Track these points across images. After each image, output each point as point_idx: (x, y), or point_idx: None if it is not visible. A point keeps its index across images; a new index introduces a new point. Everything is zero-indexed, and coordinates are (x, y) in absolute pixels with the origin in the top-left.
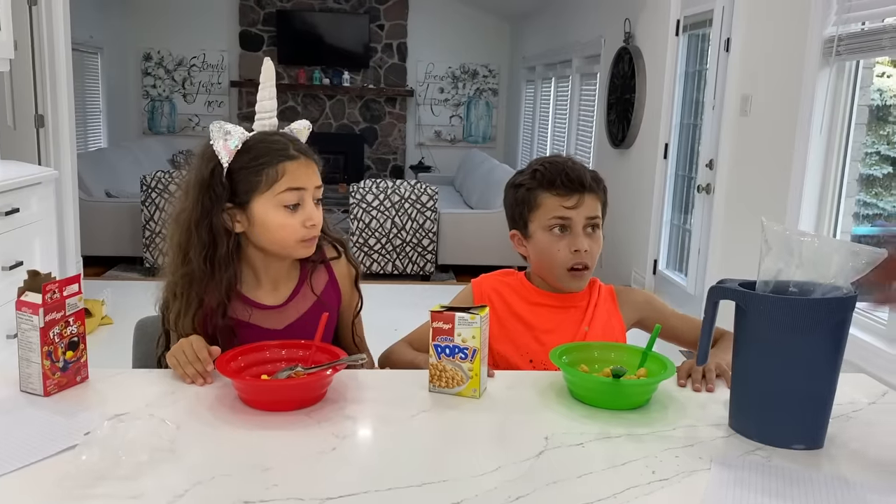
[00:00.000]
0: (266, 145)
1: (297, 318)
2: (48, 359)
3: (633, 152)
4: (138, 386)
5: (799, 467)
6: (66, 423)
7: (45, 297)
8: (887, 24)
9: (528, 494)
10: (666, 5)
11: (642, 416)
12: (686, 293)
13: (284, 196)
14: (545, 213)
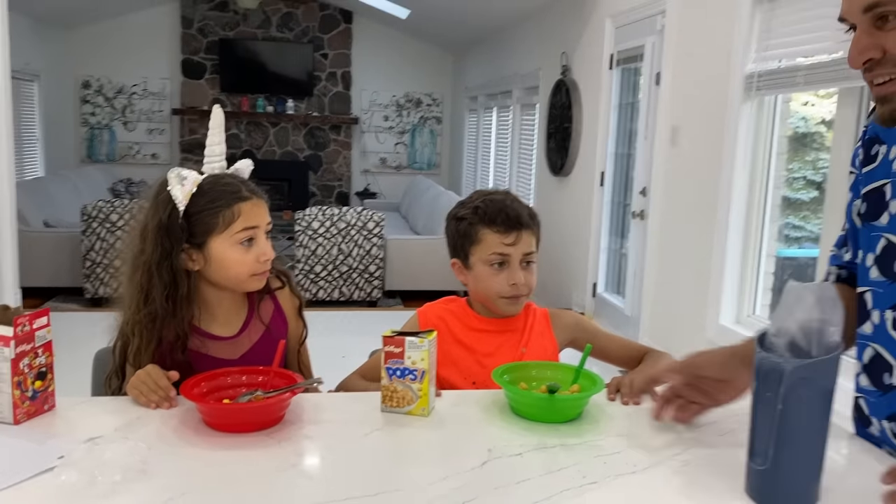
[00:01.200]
0: (220, 188)
1: (249, 348)
2: (18, 388)
3: (572, 180)
4: (104, 413)
5: None
6: (39, 449)
7: (17, 329)
8: (800, 62)
9: (474, 499)
10: (600, 40)
11: (575, 427)
12: (624, 315)
13: (240, 235)
14: (486, 248)
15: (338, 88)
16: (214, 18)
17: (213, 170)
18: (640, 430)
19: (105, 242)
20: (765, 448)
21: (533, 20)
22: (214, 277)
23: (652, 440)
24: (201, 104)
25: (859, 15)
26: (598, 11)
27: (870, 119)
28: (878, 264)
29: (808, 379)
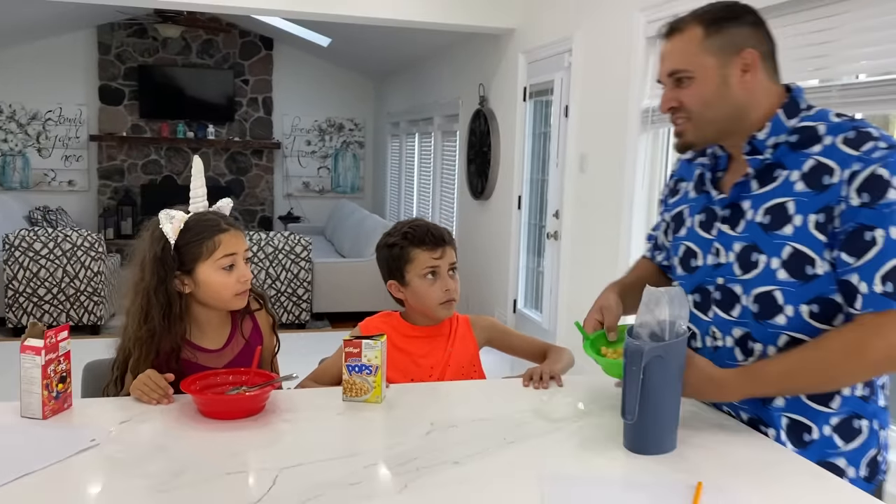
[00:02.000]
0: (203, 223)
1: (232, 359)
2: (45, 389)
3: (492, 203)
4: (113, 409)
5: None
6: (72, 435)
7: (46, 341)
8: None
9: (420, 457)
10: (514, 74)
11: (499, 405)
12: (542, 328)
13: (222, 261)
14: (419, 264)
15: (259, 114)
16: (132, 45)
17: (197, 209)
18: (546, 406)
19: (28, 272)
20: (633, 408)
21: (452, 52)
22: (203, 298)
23: (554, 413)
24: (120, 130)
25: (665, 78)
26: (513, 47)
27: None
28: (680, 264)
29: (662, 357)
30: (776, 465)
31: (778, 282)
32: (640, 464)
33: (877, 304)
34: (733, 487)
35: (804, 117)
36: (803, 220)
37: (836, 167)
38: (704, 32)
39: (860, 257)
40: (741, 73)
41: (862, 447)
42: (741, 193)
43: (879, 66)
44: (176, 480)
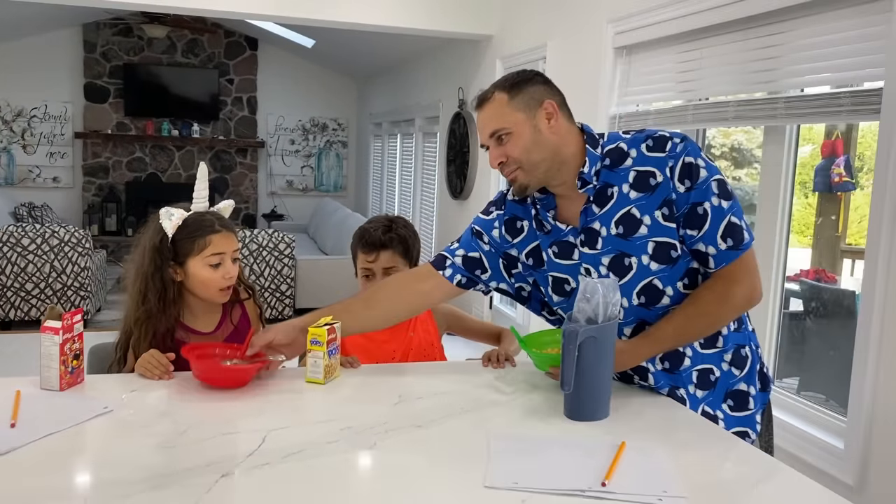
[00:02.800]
0: (198, 222)
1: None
2: (63, 365)
3: (471, 203)
4: (121, 383)
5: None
6: (88, 403)
7: (64, 322)
8: (653, 107)
9: (388, 422)
10: (491, 79)
11: (457, 382)
12: (517, 323)
13: (210, 258)
14: (359, 265)
15: (244, 113)
16: (118, 43)
17: (199, 207)
18: (499, 382)
19: (16, 266)
20: (569, 380)
21: (433, 56)
22: (191, 289)
23: (506, 388)
24: (105, 128)
25: (488, 140)
26: (490, 53)
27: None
28: (553, 291)
29: (595, 337)
30: (684, 427)
31: (653, 272)
32: (576, 428)
33: (726, 257)
34: (650, 446)
35: (604, 144)
36: (651, 218)
37: (655, 170)
38: (508, 95)
39: (700, 229)
40: (547, 121)
41: (751, 368)
42: (588, 218)
43: (822, 80)
44: (180, 438)
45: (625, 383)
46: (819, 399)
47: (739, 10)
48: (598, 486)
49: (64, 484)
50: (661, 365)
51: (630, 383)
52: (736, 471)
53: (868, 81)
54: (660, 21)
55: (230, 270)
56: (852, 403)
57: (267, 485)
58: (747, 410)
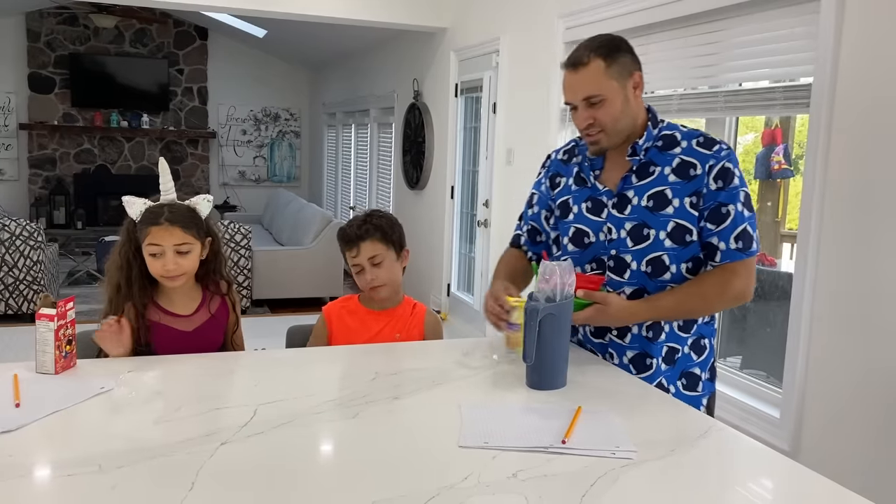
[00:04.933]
0: (148, 213)
1: (199, 325)
2: (57, 350)
3: (427, 193)
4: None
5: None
6: (84, 385)
7: (58, 310)
8: None
9: (368, 395)
10: (446, 71)
11: (430, 360)
12: (473, 310)
13: (149, 248)
14: (348, 260)
15: (194, 103)
16: (63, 33)
17: (166, 199)
18: (468, 359)
19: None
20: (531, 353)
21: (387, 46)
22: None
23: (473, 363)
24: (51, 119)
25: (580, 101)
26: (445, 45)
27: (549, 160)
28: (571, 242)
29: (553, 314)
30: (634, 394)
31: (665, 248)
32: (537, 396)
33: (732, 256)
34: (604, 410)
35: (662, 127)
36: (680, 202)
37: (697, 163)
38: (605, 63)
39: (719, 225)
40: (634, 91)
41: (706, 358)
42: (625, 185)
43: (759, 76)
44: (176, 414)
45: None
46: (760, 376)
47: (683, 8)
48: (559, 443)
49: (75, 455)
50: (644, 332)
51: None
52: (679, 429)
53: (803, 77)
54: (608, 17)
55: (168, 263)
56: (787, 376)
57: (264, 450)
58: (696, 392)
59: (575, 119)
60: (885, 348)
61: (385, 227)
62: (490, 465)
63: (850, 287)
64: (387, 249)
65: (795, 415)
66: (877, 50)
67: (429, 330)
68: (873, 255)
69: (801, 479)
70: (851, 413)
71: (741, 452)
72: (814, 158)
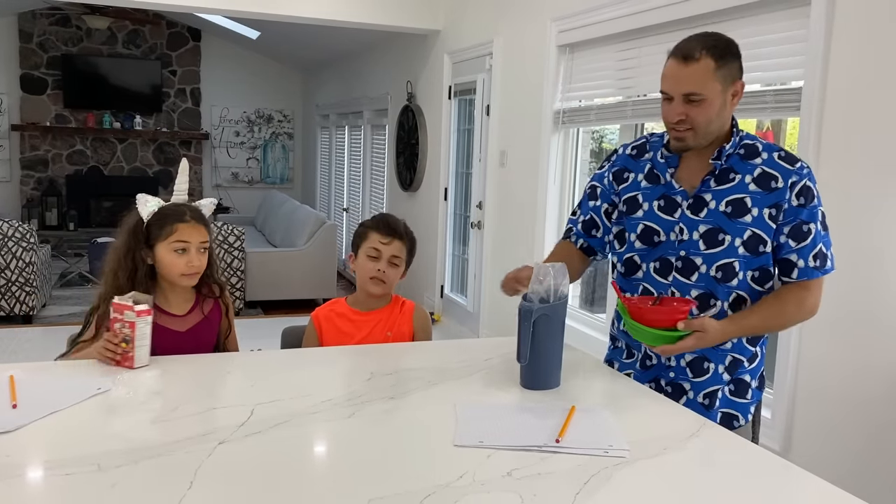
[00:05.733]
0: (170, 211)
1: (193, 326)
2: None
3: (420, 194)
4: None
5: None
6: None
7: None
8: (595, 103)
9: (364, 395)
10: (439, 73)
11: (423, 361)
12: (467, 311)
13: (175, 244)
14: (368, 243)
15: (187, 104)
16: (55, 34)
17: (178, 199)
18: (463, 359)
19: None
20: (525, 353)
21: (381, 49)
22: (161, 272)
23: (467, 364)
24: (43, 120)
25: (679, 95)
26: (438, 47)
27: (616, 155)
28: (639, 239)
29: (546, 315)
30: (627, 394)
31: (738, 255)
32: (531, 396)
33: (809, 274)
34: (597, 409)
35: (743, 136)
36: (759, 211)
37: (779, 176)
38: (716, 64)
39: (799, 242)
40: (732, 99)
41: (758, 366)
42: (703, 188)
43: (750, 79)
44: (173, 413)
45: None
46: None
47: (675, 12)
48: (553, 442)
49: (74, 454)
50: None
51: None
52: (670, 428)
53: (794, 81)
54: (601, 21)
55: (194, 259)
56: (778, 378)
57: (262, 449)
58: (744, 399)
59: (666, 110)
60: (875, 350)
61: (414, 244)
62: (485, 464)
63: (840, 289)
64: (403, 261)
65: (786, 416)
66: (866, 54)
67: (418, 325)
68: (864, 257)
69: (791, 478)
70: (842, 414)
71: (733, 451)
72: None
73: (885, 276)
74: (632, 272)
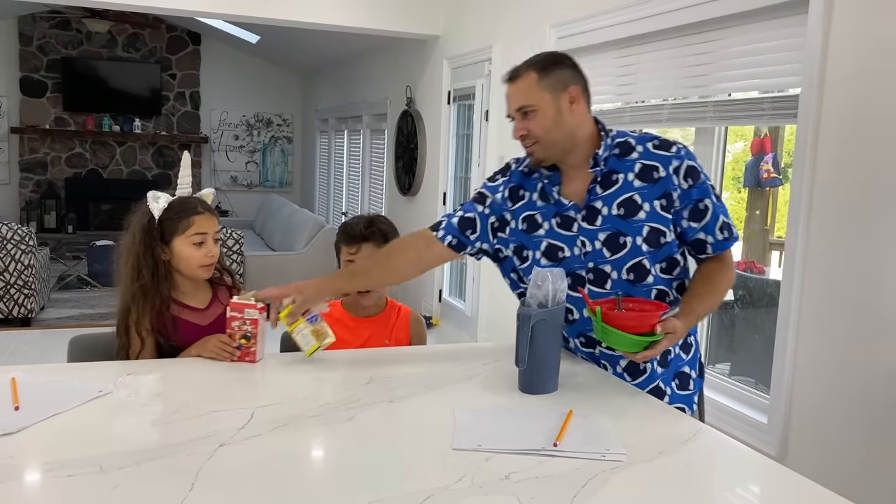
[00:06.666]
0: (183, 205)
1: (214, 319)
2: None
3: (419, 199)
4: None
5: None
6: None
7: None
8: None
9: (363, 398)
10: (439, 78)
11: (418, 364)
12: (465, 315)
13: (193, 237)
14: (343, 256)
15: (186, 108)
16: (55, 37)
17: (183, 193)
18: (461, 364)
19: None
20: (523, 357)
21: (380, 53)
22: (177, 267)
23: (465, 369)
24: (42, 123)
25: (514, 112)
26: (437, 52)
27: (510, 171)
28: (544, 256)
29: (544, 319)
30: (623, 398)
31: (643, 253)
32: (529, 400)
33: (722, 246)
34: (594, 413)
35: (613, 136)
36: (650, 205)
37: (658, 165)
38: (538, 75)
39: (701, 221)
40: (569, 104)
41: (694, 354)
42: (591, 197)
43: (748, 86)
44: (174, 416)
45: (587, 349)
46: (749, 382)
47: (674, 19)
48: (551, 446)
49: (76, 456)
50: None
51: (592, 349)
52: (668, 432)
53: (791, 88)
54: (600, 27)
55: (212, 250)
56: (774, 382)
57: (262, 452)
58: (688, 390)
59: (513, 130)
60: (871, 355)
61: (388, 234)
62: (483, 467)
63: (836, 295)
64: None
65: (783, 420)
66: (862, 61)
67: (413, 331)
68: (860, 263)
69: (787, 482)
70: (838, 419)
71: (729, 455)
72: (801, 168)
73: (881, 282)
74: None
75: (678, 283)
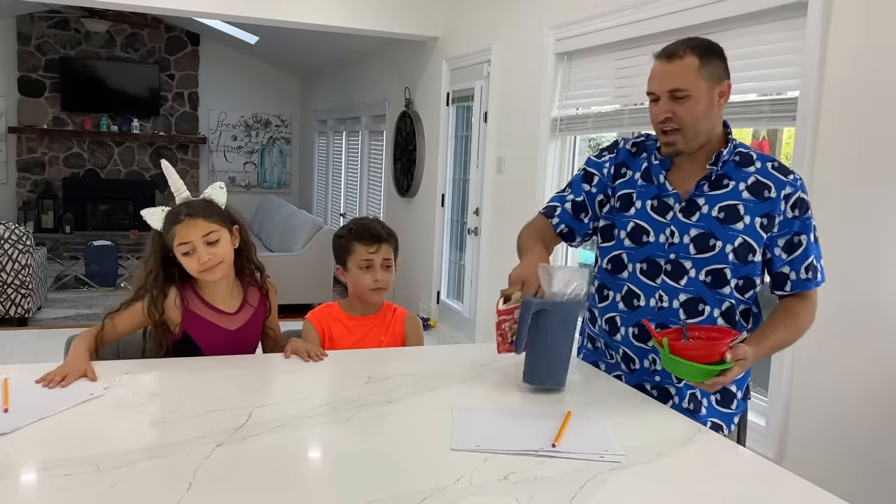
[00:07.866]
0: (168, 217)
1: (243, 323)
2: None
3: (417, 200)
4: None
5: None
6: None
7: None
8: (592, 111)
9: (361, 399)
10: (437, 80)
11: (418, 365)
12: (463, 317)
13: (181, 248)
14: (357, 255)
15: (185, 108)
16: (54, 36)
17: (181, 199)
18: (460, 364)
19: None
20: (521, 343)
21: (379, 55)
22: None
23: (464, 370)
24: (40, 122)
25: (664, 93)
26: (436, 54)
27: (617, 148)
28: (629, 237)
29: (548, 310)
30: (622, 399)
31: (728, 262)
32: (528, 400)
33: (802, 286)
34: (593, 415)
35: (736, 144)
36: (751, 219)
37: (772, 185)
38: (699, 62)
39: (791, 254)
40: (719, 99)
41: (744, 377)
42: (697, 192)
43: (747, 88)
44: (172, 415)
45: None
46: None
47: (672, 21)
48: (549, 446)
49: (72, 455)
50: None
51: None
52: (665, 433)
53: (790, 91)
54: (598, 29)
55: (202, 256)
56: (772, 385)
57: (259, 452)
58: (729, 409)
59: (653, 111)
60: (869, 357)
61: (395, 237)
62: (482, 468)
63: (835, 296)
64: (393, 258)
65: (781, 423)
66: (861, 64)
67: (409, 331)
68: (859, 265)
69: (785, 484)
70: (836, 421)
71: (727, 457)
72: (799, 170)
73: (879, 283)
74: (618, 271)
75: (745, 307)
